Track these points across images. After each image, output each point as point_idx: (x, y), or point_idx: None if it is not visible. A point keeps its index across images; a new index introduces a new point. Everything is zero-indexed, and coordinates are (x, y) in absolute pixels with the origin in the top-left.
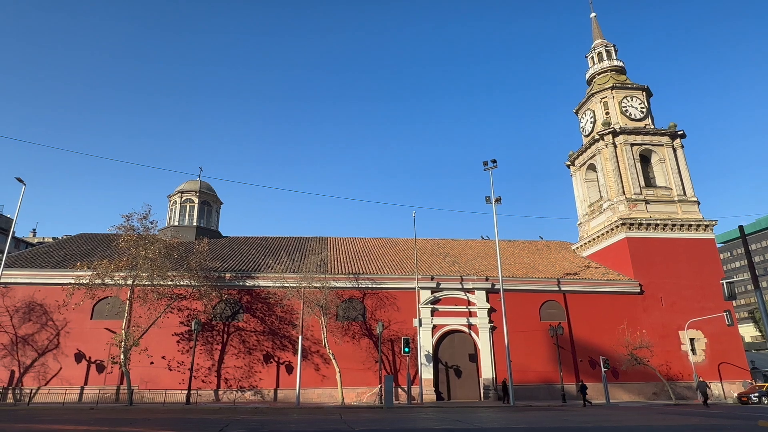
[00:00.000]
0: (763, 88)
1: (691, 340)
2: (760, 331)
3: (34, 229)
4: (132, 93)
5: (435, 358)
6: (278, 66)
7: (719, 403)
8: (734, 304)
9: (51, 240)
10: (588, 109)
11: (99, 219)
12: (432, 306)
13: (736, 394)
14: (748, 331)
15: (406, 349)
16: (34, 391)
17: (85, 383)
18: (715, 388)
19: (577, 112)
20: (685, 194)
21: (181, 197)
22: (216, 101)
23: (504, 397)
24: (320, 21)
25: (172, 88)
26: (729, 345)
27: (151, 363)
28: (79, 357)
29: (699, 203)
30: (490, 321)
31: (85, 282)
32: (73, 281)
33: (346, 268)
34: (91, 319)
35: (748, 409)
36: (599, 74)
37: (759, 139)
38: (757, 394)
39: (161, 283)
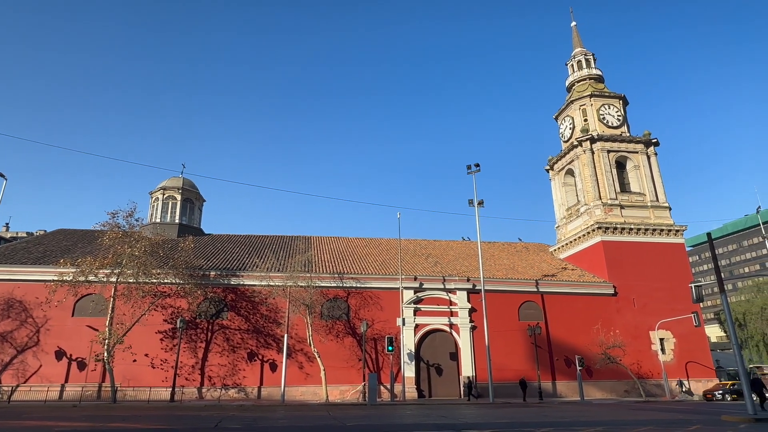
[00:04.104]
0: (747, 89)
1: (661, 340)
2: (725, 331)
3: (7, 224)
4: (113, 89)
5: (417, 357)
6: (262, 63)
7: (685, 400)
8: (701, 306)
9: (25, 235)
10: (567, 116)
11: (77, 214)
12: (415, 306)
13: (702, 391)
14: (714, 332)
15: (390, 348)
16: (12, 388)
17: (66, 381)
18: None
19: (556, 118)
20: (657, 200)
21: (164, 194)
22: (199, 98)
23: (524, 396)
24: (304, 19)
25: (154, 85)
26: (696, 345)
27: (134, 361)
28: (59, 354)
29: (670, 209)
30: (471, 321)
31: (69, 279)
32: (55, 278)
33: (331, 267)
34: (73, 316)
35: (713, 405)
36: (578, 82)
37: (729, 145)
38: (720, 392)
39: (146, 280)
